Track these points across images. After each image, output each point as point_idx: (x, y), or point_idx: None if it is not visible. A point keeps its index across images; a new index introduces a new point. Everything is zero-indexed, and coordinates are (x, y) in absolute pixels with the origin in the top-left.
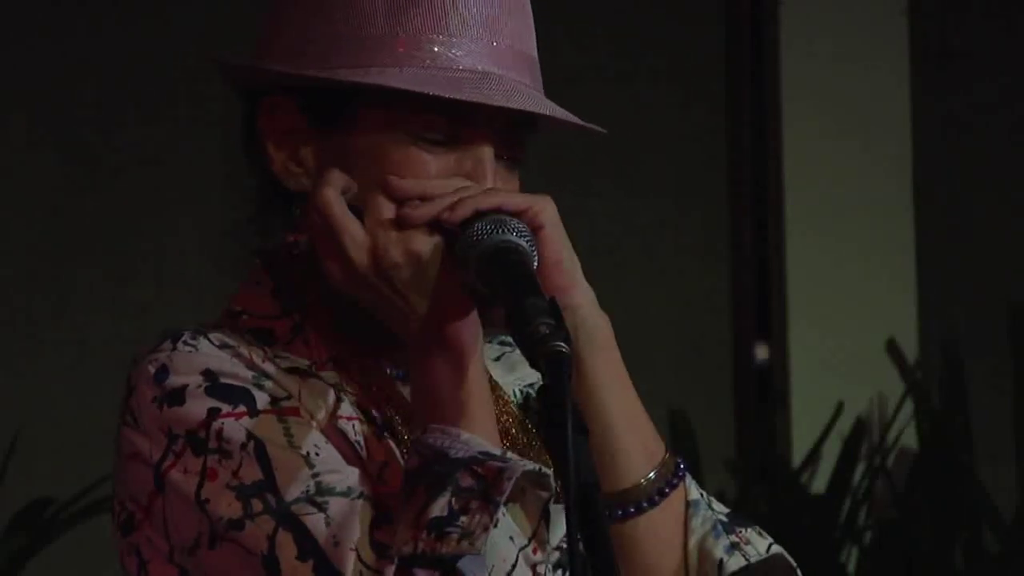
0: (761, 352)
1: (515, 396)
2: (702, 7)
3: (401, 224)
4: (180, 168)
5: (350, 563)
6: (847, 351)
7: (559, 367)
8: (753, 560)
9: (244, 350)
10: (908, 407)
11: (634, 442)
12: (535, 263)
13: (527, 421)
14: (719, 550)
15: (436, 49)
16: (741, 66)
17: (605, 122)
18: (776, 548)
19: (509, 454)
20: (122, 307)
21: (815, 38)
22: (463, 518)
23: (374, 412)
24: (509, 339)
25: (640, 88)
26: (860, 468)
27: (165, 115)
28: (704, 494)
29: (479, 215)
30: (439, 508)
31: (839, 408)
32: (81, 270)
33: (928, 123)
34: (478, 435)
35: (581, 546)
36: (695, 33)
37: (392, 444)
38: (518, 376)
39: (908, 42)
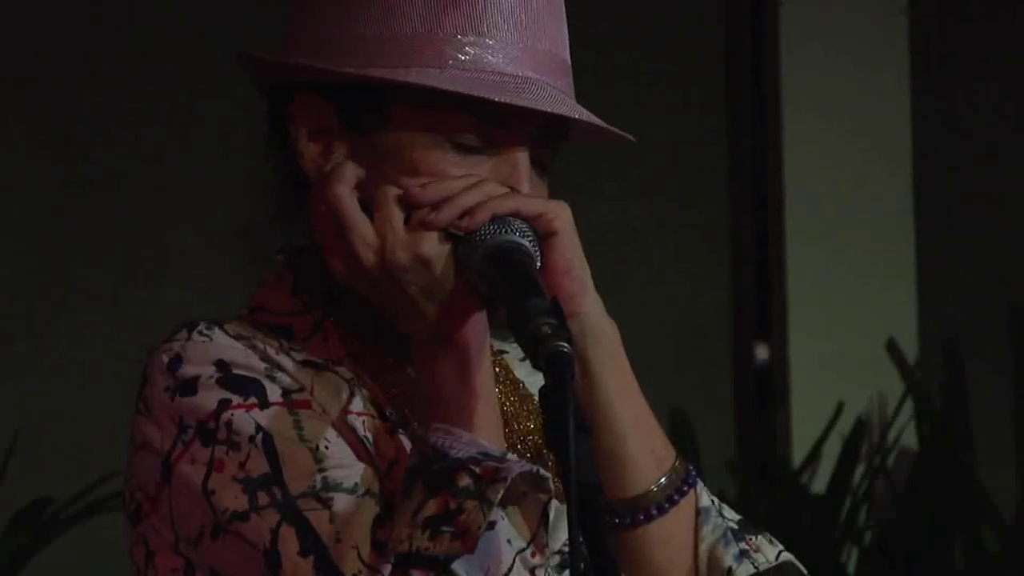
0: (761, 352)
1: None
2: (702, 7)
3: (414, 225)
4: (180, 168)
5: (350, 560)
6: (847, 351)
7: (560, 367)
8: (762, 568)
9: (259, 342)
10: (908, 407)
11: (644, 449)
12: (538, 263)
13: None
14: (729, 558)
15: (474, 51)
16: (741, 66)
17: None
18: (786, 555)
19: (509, 455)
20: (122, 307)
21: (815, 38)
22: (458, 518)
23: (389, 410)
24: None
25: (640, 88)
26: (860, 468)
27: (165, 115)
28: (715, 500)
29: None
30: (435, 507)
31: (839, 408)
32: (81, 270)
33: (928, 123)
34: (481, 436)
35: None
36: (695, 33)
37: (404, 441)
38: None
39: (908, 42)
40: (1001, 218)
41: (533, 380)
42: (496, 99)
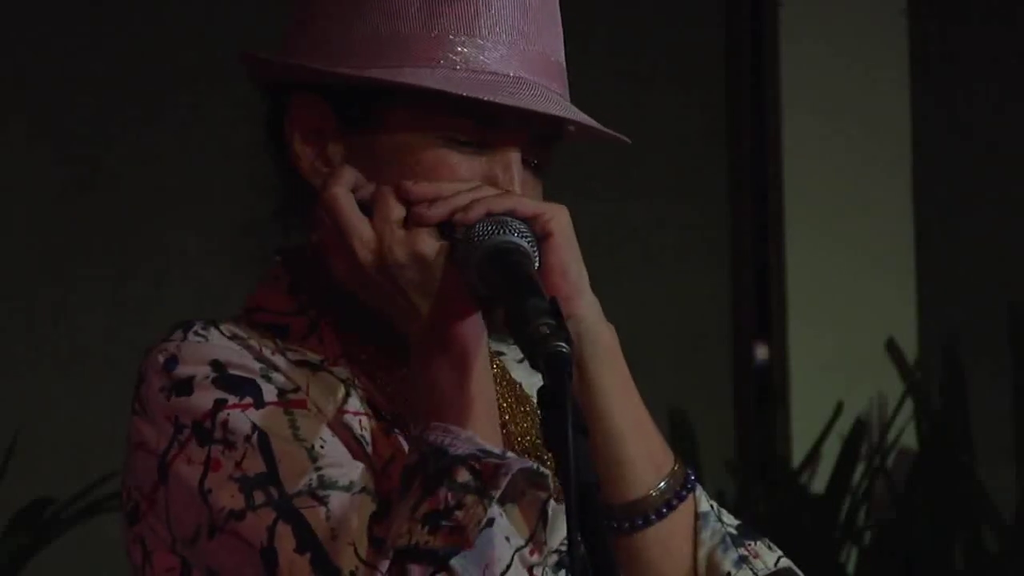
0: (761, 352)
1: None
2: (702, 7)
3: (411, 224)
4: (180, 168)
5: (346, 557)
6: (847, 351)
7: (559, 367)
8: (761, 574)
9: (254, 342)
10: (908, 407)
11: (641, 453)
12: (536, 264)
13: None
14: (727, 563)
15: (467, 51)
16: (741, 66)
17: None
18: (785, 562)
19: (508, 453)
20: (122, 307)
21: (815, 38)
22: (457, 513)
23: (384, 409)
24: None
25: (640, 88)
26: (860, 468)
27: (165, 115)
28: (715, 505)
29: (487, 216)
30: (435, 502)
31: (839, 408)
32: (81, 270)
33: (928, 123)
34: (479, 435)
35: (582, 546)
36: (695, 33)
37: (401, 440)
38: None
39: (908, 42)
40: (1001, 218)
41: (531, 382)
42: (488, 99)
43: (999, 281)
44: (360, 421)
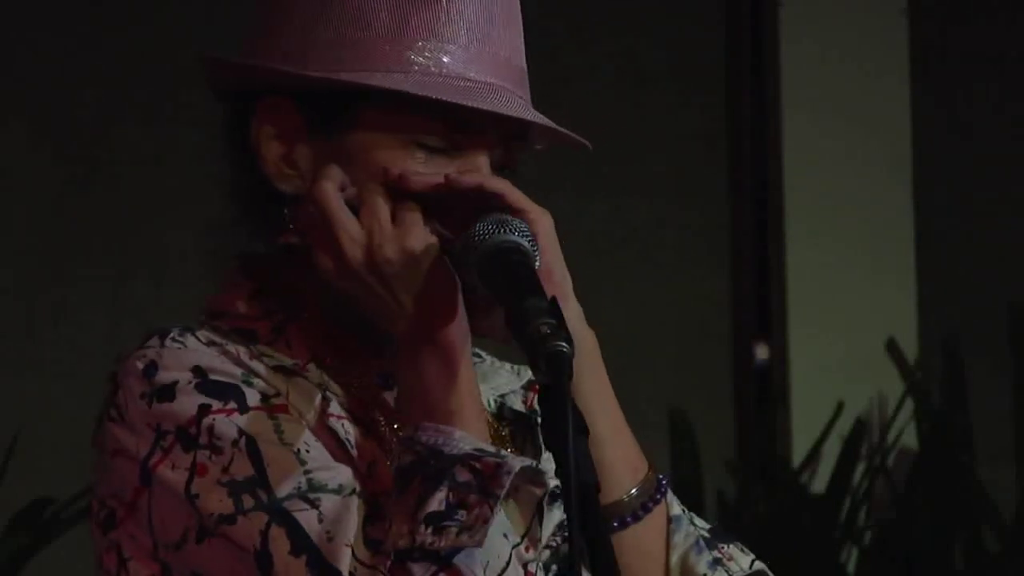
0: (761, 352)
1: (490, 406)
2: (702, 7)
3: (399, 219)
4: (180, 168)
5: (345, 559)
6: (847, 351)
7: (560, 366)
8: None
9: (231, 348)
10: (908, 407)
11: (619, 457)
12: (537, 264)
13: (502, 431)
14: (702, 565)
15: (435, 56)
16: (741, 66)
17: (605, 122)
18: (758, 564)
19: (503, 451)
20: (122, 307)
21: (815, 38)
22: (461, 512)
23: (357, 412)
24: (480, 351)
25: (640, 88)
26: (860, 468)
27: (165, 115)
28: (685, 510)
29: (480, 217)
30: (436, 502)
31: (839, 408)
32: (81, 270)
33: (928, 123)
34: (471, 433)
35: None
36: (695, 33)
37: (376, 445)
38: (492, 386)
39: (908, 42)
40: (1001, 218)
41: (483, 388)
42: (465, 103)
43: (999, 281)
44: (343, 425)
